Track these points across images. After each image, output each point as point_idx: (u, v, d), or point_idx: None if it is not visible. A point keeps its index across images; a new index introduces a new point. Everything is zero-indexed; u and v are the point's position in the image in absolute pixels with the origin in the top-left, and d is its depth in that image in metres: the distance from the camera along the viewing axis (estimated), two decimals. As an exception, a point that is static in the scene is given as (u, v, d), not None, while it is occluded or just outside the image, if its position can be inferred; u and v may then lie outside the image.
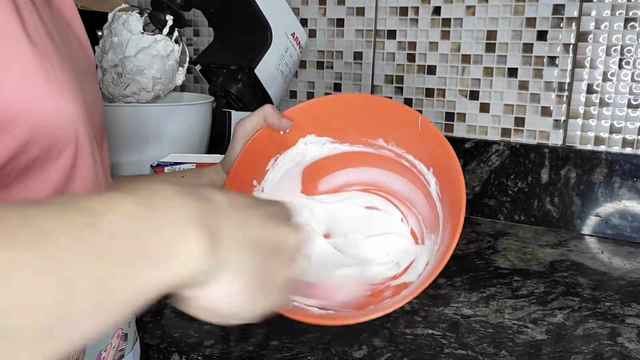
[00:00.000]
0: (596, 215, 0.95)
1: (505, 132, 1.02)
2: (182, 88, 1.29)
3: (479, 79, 1.02)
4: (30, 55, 0.38)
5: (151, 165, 0.82)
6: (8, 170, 0.38)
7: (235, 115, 0.99)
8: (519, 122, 1.01)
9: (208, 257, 0.29)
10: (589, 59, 0.94)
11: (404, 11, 1.07)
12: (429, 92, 1.07)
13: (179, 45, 0.91)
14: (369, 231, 0.68)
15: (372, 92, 1.12)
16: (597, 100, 0.95)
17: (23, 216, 0.25)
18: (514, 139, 1.01)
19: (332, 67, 1.15)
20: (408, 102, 1.09)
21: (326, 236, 0.68)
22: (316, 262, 0.63)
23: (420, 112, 1.08)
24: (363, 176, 0.70)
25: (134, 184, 0.64)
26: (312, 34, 1.16)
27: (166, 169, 0.80)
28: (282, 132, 0.63)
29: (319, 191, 0.70)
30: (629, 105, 0.93)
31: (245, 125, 0.61)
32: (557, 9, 0.95)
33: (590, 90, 0.95)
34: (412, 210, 0.68)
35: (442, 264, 0.51)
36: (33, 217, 0.25)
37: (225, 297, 0.31)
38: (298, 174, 0.68)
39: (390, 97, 1.10)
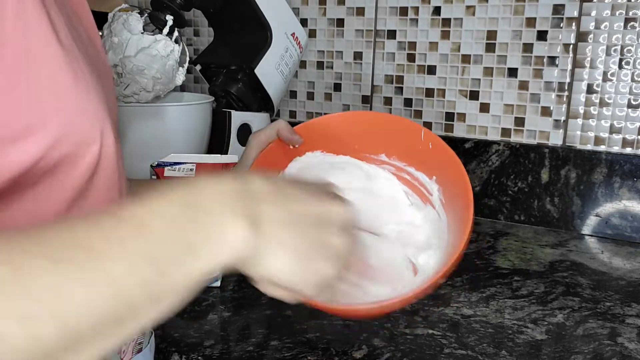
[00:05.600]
0: (596, 215, 0.95)
1: (505, 132, 1.02)
2: (182, 88, 1.29)
3: (479, 79, 1.02)
4: (60, 57, 0.39)
5: (151, 165, 0.82)
6: (37, 168, 0.39)
7: (235, 115, 0.99)
8: (519, 122, 1.01)
9: (250, 238, 0.34)
10: (589, 59, 0.94)
11: (404, 11, 1.07)
12: (429, 92, 1.07)
13: (179, 45, 0.91)
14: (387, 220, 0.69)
15: (372, 93, 1.12)
16: (597, 100, 0.95)
17: (73, 237, 0.29)
18: (514, 139, 1.01)
19: (332, 67, 1.15)
20: (408, 102, 1.09)
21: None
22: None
23: (420, 112, 1.09)
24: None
25: (150, 188, 0.66)
26: (312, 34, 1.16)
27: (166, 169, 0.81)
28: (291, 147, 0.67)
29: None
30: (629, 105, 0.93)
31: (260, 136, 0.66)
32: (557, 9, 0.95)
33: (590, 90, 0.95)
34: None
35: (456, 256, 0.53)
36: (82, 238, 0.29)
37: (278, 268, 0.36)
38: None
39: (390, 97, 1.10)
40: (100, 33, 0.92)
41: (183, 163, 0.81)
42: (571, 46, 0.95)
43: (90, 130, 0.41)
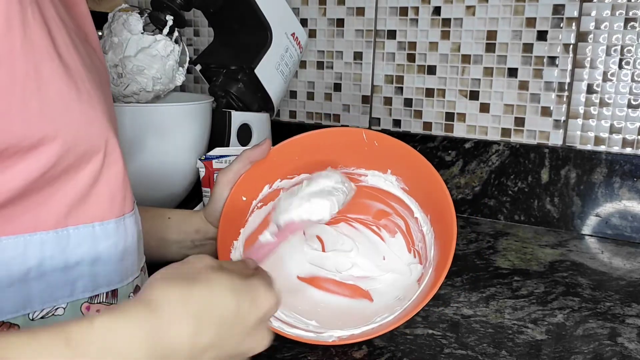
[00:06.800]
0: (596, 215, 0.95)
1: (505, 132, 1.02)
2: (182, 88, 1.29)
3: (479, 79, 1.02)
4: (62, 73, 0.41)
5: (199, 159, 0.87)
6: (47, 176, 0.41)
7: (235, 115, 0.99)
8: (519, 122, 1.01)
9: None
10: (589, 59, 0.94)
11: (404, 11, 1.07)
12: (429, 92, 1.07)
13: (179, 45, 0.91)
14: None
15: (372, 93, 1.12)
16: (597, 100, 0.95)
17: None
18: (514, 139, 1.01)
19: (332, 67, 1.15)
20: (408, 102, 1.09)
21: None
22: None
23: (420, 112, 1.09)
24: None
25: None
26: (312, 34, 1.16)
27: (214, 161, 0.85)
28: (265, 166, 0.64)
29: None
30: (629, 105, 0.93)
31: (227, 173, 0.63)
32: (557, 9, 0.95)
33: (590, 90, 0.95)
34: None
35: (445, 269, 0.55)
36: None
37: None
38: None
39: (390, 97, 1.10)
40: (100, 33, 0.92)
41: (227, 156, 0.86)
42: (571, 46, 0.95)
43: (96, 139, 0.44)
